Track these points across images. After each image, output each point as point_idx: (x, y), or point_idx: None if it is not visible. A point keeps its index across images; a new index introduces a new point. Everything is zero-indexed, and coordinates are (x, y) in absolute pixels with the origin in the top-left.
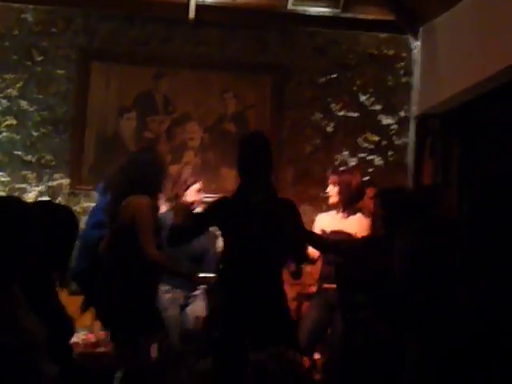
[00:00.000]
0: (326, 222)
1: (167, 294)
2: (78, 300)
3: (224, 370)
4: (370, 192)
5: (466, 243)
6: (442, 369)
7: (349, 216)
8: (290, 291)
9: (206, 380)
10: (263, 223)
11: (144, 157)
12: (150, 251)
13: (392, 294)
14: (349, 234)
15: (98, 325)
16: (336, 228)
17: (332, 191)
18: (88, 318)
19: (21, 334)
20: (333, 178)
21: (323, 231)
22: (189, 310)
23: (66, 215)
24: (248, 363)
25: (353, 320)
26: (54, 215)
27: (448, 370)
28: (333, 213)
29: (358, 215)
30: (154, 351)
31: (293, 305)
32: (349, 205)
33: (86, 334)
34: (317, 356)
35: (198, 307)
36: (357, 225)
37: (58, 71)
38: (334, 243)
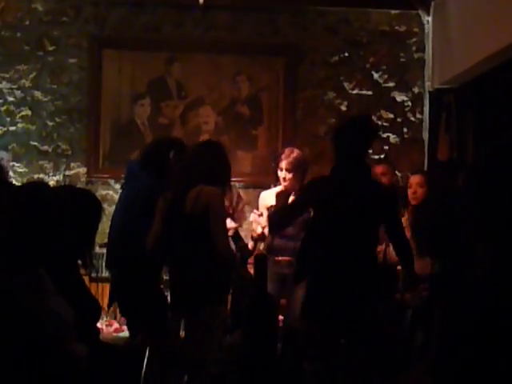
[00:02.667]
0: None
1: None
2: (98, 287)
3: (255, 343)
4: (378, 169)
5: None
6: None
7: None
8: None
9: (235, 354)
10: (356, 202)
11: (213, 149)
12: (223, 243)
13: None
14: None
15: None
16: None
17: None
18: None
19: (49, 315)
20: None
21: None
22: None
23: (90, 199)
24: (278, 336)
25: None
26: (78, 199)
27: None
28: (277, 189)
29: None
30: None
31: None
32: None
33: (108, 320)
34: None
35: None
36: None
37: (70, 60)
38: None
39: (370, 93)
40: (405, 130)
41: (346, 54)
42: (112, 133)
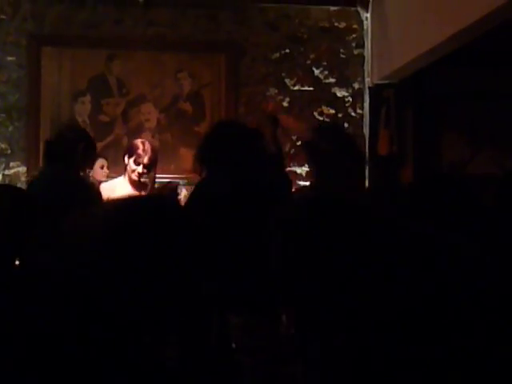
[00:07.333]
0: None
1: None
2: None
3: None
4: None
5: None
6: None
7: None
8: None
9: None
10: None
11: None
12: None
13: None
14: None
15: None
16: None
17: None
18: None
19: None
20: None
21: None
22: None
23: (28, 198)
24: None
25: None
26: (15, 198)
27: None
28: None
29: None
30: None
31: None
32: None
33: None
34: None
35: None
36: None
37: (9, 58)
38: None
39: (311, 89)
40: (346, 125)
41: (287, 51)
42: (52, 131)
